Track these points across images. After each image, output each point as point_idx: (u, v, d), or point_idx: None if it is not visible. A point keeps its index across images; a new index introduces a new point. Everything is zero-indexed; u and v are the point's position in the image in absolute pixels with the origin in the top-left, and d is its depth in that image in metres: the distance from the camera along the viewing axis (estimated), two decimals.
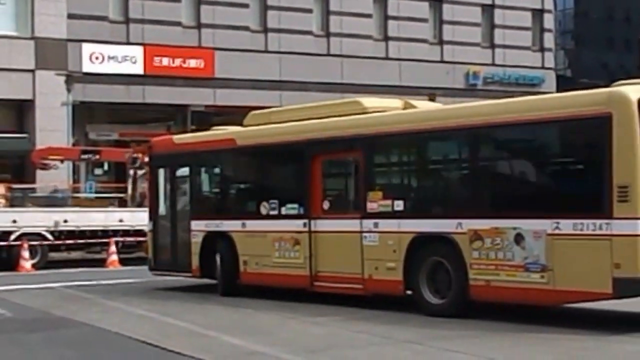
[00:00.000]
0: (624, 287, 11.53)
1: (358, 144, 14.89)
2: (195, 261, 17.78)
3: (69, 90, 33.60)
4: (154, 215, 19.19)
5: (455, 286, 13.29)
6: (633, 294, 11.81)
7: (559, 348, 10.82)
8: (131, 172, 27.98)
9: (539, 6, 46.90)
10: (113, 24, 36.90)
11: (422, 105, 15.78)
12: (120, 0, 37.19)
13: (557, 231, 12.08)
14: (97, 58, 36.18)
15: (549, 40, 47.92)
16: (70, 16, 35.45)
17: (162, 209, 19.11)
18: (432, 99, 37.01)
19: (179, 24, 38.06)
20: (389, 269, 14.10)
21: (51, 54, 34.83)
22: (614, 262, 11.52)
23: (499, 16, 45.43)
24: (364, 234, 14.54)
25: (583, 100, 12.35)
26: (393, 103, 15.81)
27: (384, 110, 15.30)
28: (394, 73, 41.87)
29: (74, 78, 33.86)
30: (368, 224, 14.51)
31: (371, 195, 14.59)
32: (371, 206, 14.52)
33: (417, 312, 13.65)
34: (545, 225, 12.18)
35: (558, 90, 37.94)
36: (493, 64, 45.19)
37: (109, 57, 36.44)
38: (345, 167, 15.95)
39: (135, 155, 27.83)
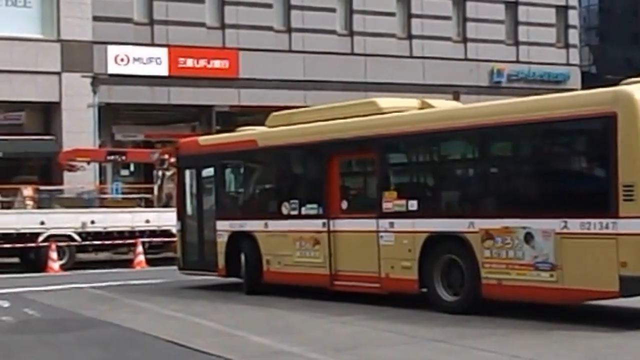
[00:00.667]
0: (630, 286, 11.61)
1: (373, 144, 15.08)
2: (221, 261, 18.01)
3: (94, 92, 33.81)
4: (182, 216, 19.43)
5: (468, 284, 13.46)
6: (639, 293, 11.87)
7: (585, 346, 10.82)
8: (160, 173, 28.22)
9: (563, 2, 46.68)
10: (138, 26, 37.10)
11: (439, 105, 15.79)
12: (144, 2, 37.39)
13: (565, 230, 12.19)
14: (122, 60, 36.39)
15: (573, 36, 47.66)
16: (96, 18, 35.65)
17: (189, 209, 19.35)
18: (456, 98, 37.06)
19: (203, 24, 38.20)
20: (405, 267, 14.29)
21: (77, 56, 35.05)
22: (620, 260, 11.60)
23: (522, 13, 45.27)
24: (380, 234, 14.73)
25: (589, 99, 12.46)
26: (410, 103, 15.90)
27: (399, 111, 15.41)
28: (417, 71, 41.83)
29: (99, 80, 34.07)
30: (384, 223, 14.70)
31: (386, 195, 14.78)
32: (387, 206, 14.70)
33: (441, 310, 13.72)
34: (553, 224, 12.30)
35: (583, 87, 37.80)
36: (517, 61, 45.02)
37: (134, 59, 36.64)
38: (362, 167, 16.22)
39: (163, 156, 28.07)
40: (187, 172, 19.47)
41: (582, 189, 12.61)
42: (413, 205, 14.34)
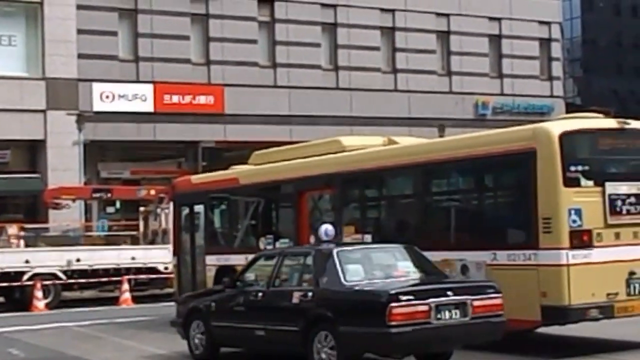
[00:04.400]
0: (551, 315, 12.06)
1: (332, 181, 15.74)
2: None
3: (80, 129, 33.78)
4: (177, 251, 20.14)
5: None
6: (560, 322, 12.35)
7: None
8: (158, 210, 28.30)
9: (546, 35, 46.98)
10: (123, 63, 37.13)
11: (404, 142, 16.22)
12: (129, 39, 37.45)
13: (495, 262, 12.70)
14: (107, 97, 36.38)
15: (557, 68, 47.94)
16: (81, 56, 35.69)
17: (184, 245, 20.03)
18: (441, 131, 37.22)
19: (188, 61, 38.26)
20: None
21: (62, 94, 35.03)
22: (541, 290, 12.07)
23: (506, 46, 45.52)
24: None
25: (511, 136, 13.04)
26: (374, 141, 16.45)
27: (361, 148, 15.99)
28: (403, 105, 41.97)
29: (84, 117, 34.05)
30: None
31: (345, 229, 15.33)
32: (346, 240, 15.11)
33: None
34: (485, 256, 12.80)
35: None
36: (502, 94, 45.21)
37: (119, 96, 36.63)
38: (326, 203, 16.72)
39: (161, 194, 28.25)
40: (182, 210, 20.20)
41: (508, 222, 13.09)
42: (367, 238, 14.92)
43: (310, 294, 11.65)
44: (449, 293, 11.05)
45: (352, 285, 11.34)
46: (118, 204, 36.37)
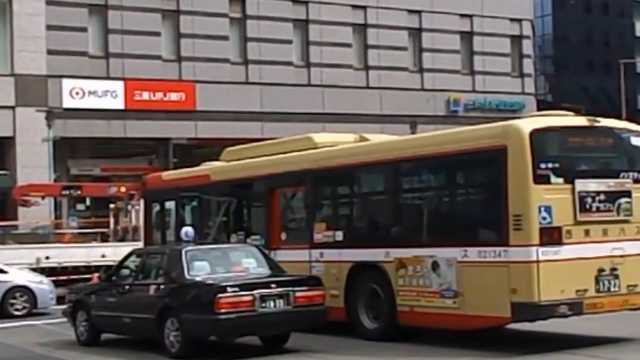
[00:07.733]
0: (521, 312, 12.09)
1: (304, 177, 15.74)
2: None
3: (49, 126, 33.55)
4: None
5: (386, 312, 13.94)
6: (530, 318, 12.41)
7: None
8: (129, 207, 28.11)
9: (517, 32, 47.20)
10: (93, 59, 36.90)
11: (376, 138, 16.26)
12: (99, 35, 37.25)
13: (465, 258, 12.73)
14: (77, 93, 36.14)
15: (528, 66, 48.19)
16: (50, 52, 35.46)
17: (155, 242, 19.81)
18: (413, 128, 37.25)
19: (159, 57, 38.10)
20: (333, 296, 14.59)
21: (31, 90, 34.78)
22: (511, 287, 12.11)
23: (477, 43, 45.69)
24: (312, 264, 15.27)
25: (483, 133, 13.08)
26: (345, 138, 16.47)
27: (333, 145, 15.99)
28: (374, 102, 42.00)
29: (54, 114, 33.83)
30: (315, 253, 15.30)
31: (317, 226, 15.38)
32: (317, 237, 15.33)
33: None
34: (455, 253, 12.85)
35: None
36: (473, 91, 45.39)
37: (90, 92, 36.41)
38: (297, 200, 16.71)
39: (131, 191, 28.06)
40: (153, 206, 20.13)
41: (479, 219, 13.15)
42: (339, 235, 14.97)
43: (162, 286, 13.69)
44: (272, 285, 12.91)
45: (193, 279, 13.27)
46: (88, 201, 36.15)
